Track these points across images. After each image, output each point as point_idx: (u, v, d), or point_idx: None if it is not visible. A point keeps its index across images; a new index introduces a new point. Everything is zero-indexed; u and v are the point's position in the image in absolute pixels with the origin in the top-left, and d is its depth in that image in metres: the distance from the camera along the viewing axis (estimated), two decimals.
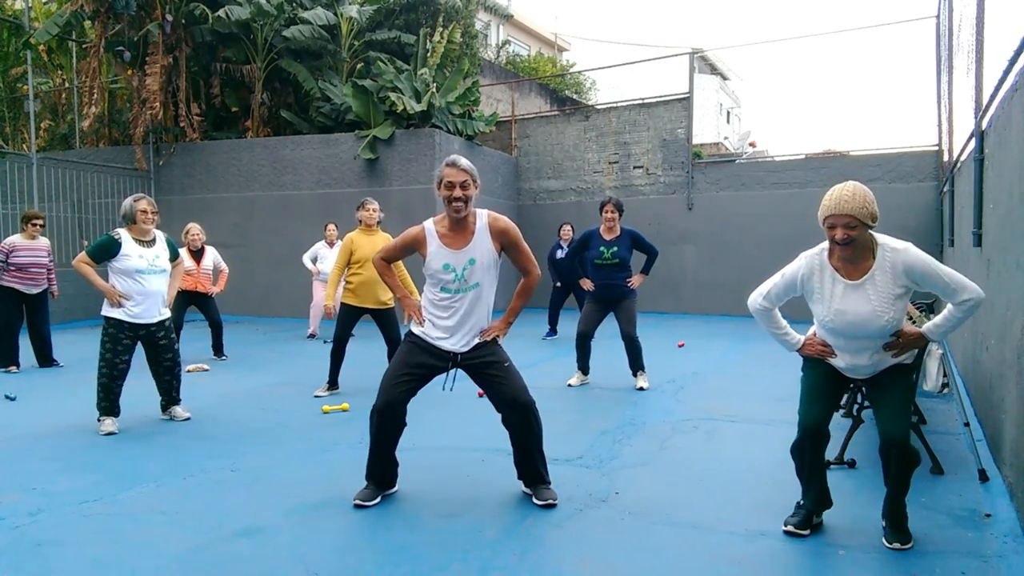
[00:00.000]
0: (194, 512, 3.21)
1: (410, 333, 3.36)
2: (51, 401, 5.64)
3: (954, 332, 2.94)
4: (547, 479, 3.37)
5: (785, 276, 2.93)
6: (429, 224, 3.31)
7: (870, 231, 2.72)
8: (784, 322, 3.02)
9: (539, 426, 3.33)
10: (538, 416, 3.33)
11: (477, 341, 3.30)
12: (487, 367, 3.30)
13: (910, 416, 2.99)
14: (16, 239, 7.05)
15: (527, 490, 3.38)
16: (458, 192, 3.15)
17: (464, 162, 3.21)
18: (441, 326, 3.28)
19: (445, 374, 3.37)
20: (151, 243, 4.79)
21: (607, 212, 5.91)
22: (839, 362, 2.91)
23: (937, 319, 2.81)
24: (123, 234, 4.71)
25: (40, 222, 7.10)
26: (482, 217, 3.28)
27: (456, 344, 3.28)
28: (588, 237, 6.04)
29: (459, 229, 3.24)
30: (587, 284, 6.08)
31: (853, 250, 2.71)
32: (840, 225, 2.67)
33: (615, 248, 5.87)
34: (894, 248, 2.71)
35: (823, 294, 2.82)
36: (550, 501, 3.24)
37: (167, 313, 4.88)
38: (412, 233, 3.33)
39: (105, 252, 4.64)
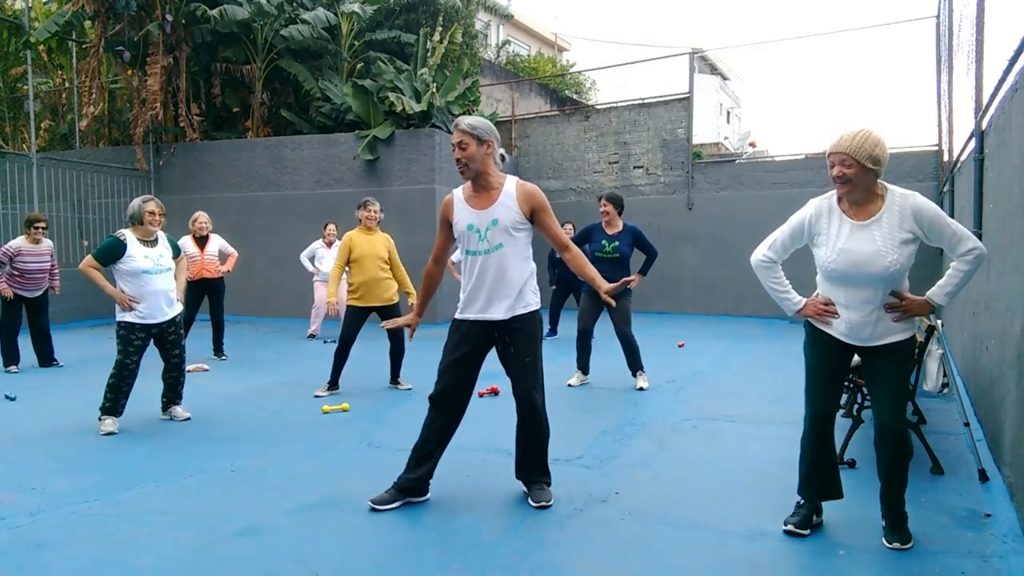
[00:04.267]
0: (194, 512, 3.21)
1: (454, 320, 3.36)
2: (51, 401, 5.64)
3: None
4: (544, 479, 3.37)
5: (792, 222, 2.94)
6: (457, 191, 3.36)
7: (879, 180, 2.75)
8: (786, 282, 3.00)
9: (544, 428, 3.33)
10: (544, 418, 3.33)
11: (516, 314, 3.23)
12: (514, 353, 3.26)
13: (906, 405, 2.95)
14: (20, 243, 7.00)
15: (526, 489, 3.38)
16: (457, 153, 3.19)
17: (464, 122, 3.21)
18: (474, 298, 3.26)
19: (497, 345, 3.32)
20: (154, 243, 4.82)
21: (602, 206, 5.96)
22: (840, 326, 2.85)
23: (941, 281, 2.79)
24: (128, 235, 4.72)
25: (42, 225, 7.09)
26: (510, 182, 3.30)
27: (494, 312, 3.24)
28: (590, 230, 6.08)
29: (481, 191, 3.27)
30: None
31: (850, 189, 2.73)
32: (837, 163, 2.72)
33: (616, 243, 5.90)
34: (903, 193, 2.77)
35: (829, 235, 2.81)
36: (543, 503, 3.23)
37: (177, 309, 4.91)
38: (443, 204, 3.37)
39: (111, 254, 4.65)
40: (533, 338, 3.29)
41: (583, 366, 6.12)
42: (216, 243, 7.79)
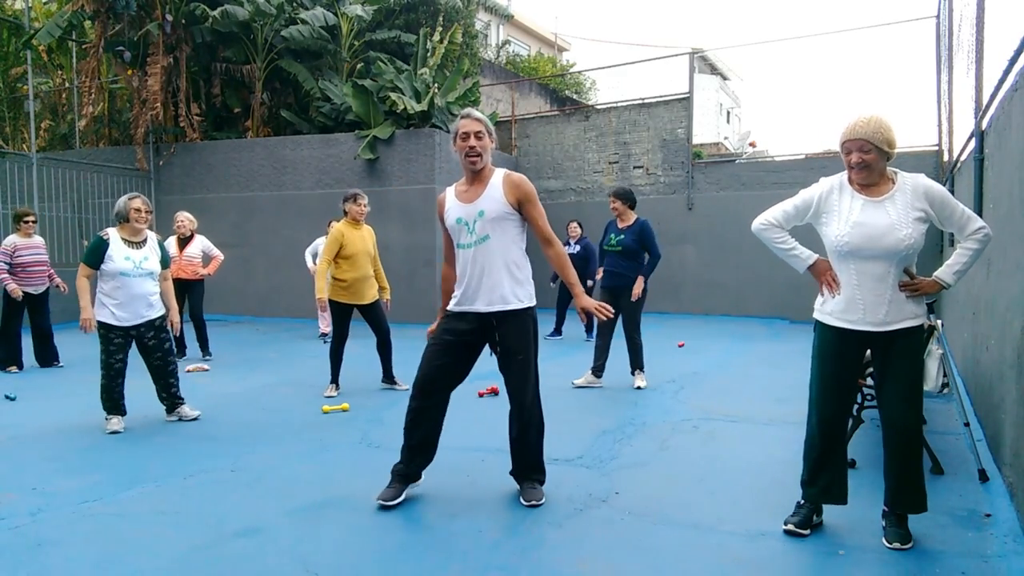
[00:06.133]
0: (194, 512, 3.21)
1: (441, 310, 3.39)
2: (51, 401, 5.64)
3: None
4: (537, 477, 3.36)
5: (802, 195, 2.93)
6: (449, 188, 3.38)
7: (888, 165, 2.75)
8: (792, 240, 2.97)
9: (535, 426, 3.33)
10: (536, 416, 3.33)
11: (505, 308, 3.20)
12: (505, 351, 3.27)
13: (921, 402, 2.86)
14: (15, 239, 7.03)
15: (519, 487, 3.37)
16: (473, 142, 3.17)
17: (478, 113, 3.25)
18: (461, 290, 3.24)
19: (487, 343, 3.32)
20: (141, 244, 4.77)
21: (611, 203, 6.14)
22: (853, 311, 2.79)
23: (948, 260, 2.79)
24: (112, 234, 4.70)
25: (32, 219, 7.09)
26: (497, 174, 3.28)
27: (478, 305, 3.22)
28: (607, 226, 6.28)
29: (475, 184, 3.27)
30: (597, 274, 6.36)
31: (868, 174, 2.73)
32: (855, 149, 2.71)
33: (622, 236, 6.03)
34: (912, 175, 2.80)
35: (841, 210, 2.80)
36: (533, 502, 3.23)
37: (158, 313, 4.82)
38: (438, 204, 3.39)
39: (96, 254, 4.65)
40: (524, 334, 3.26)
41: (598, 367, 6.03)
42: (199, 244, 7.72)
